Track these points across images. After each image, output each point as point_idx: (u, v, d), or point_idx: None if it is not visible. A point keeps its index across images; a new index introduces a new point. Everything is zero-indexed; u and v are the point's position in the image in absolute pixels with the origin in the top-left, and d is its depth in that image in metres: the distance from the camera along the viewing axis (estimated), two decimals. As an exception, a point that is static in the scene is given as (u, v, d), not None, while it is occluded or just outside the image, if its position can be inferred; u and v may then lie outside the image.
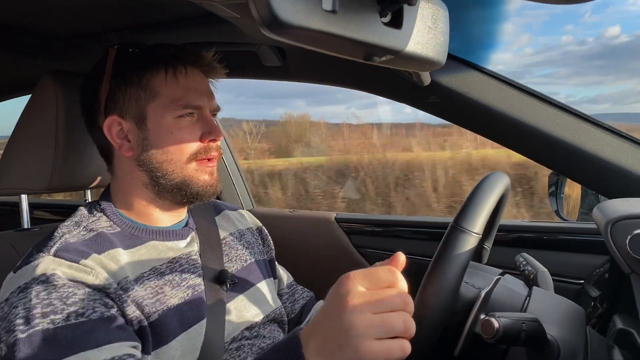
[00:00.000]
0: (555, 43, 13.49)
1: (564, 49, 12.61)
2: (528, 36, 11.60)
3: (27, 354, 0.65)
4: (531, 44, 11.97)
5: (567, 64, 10.12)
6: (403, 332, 0.54)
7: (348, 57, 0.45)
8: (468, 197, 0.70)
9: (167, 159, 0.85)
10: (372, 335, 0.53)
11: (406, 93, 1.04)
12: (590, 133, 0.92)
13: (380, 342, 0.53)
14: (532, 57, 11.91)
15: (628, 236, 0.70)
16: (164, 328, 0.78)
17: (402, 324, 0.54)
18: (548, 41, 13.53)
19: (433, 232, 1.41)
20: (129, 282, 0.77)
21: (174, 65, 0.85)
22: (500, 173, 0.75)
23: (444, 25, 0.49)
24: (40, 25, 1.09)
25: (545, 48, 13.75)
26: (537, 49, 13.27)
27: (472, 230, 0.66)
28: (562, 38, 16.11)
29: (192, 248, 0.90)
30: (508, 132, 0.96)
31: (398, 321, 0.54)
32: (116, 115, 0.85)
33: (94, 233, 0.81)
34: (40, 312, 0.67)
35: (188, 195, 0.87)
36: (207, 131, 0.87)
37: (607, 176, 0.91)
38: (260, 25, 0.36)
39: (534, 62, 11.39)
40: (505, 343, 0.65)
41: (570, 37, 14.94)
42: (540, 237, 1.25)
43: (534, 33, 12.11)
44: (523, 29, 10.78)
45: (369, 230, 1.52)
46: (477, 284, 0.72)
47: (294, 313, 1.08)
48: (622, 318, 0.77)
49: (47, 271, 0.71)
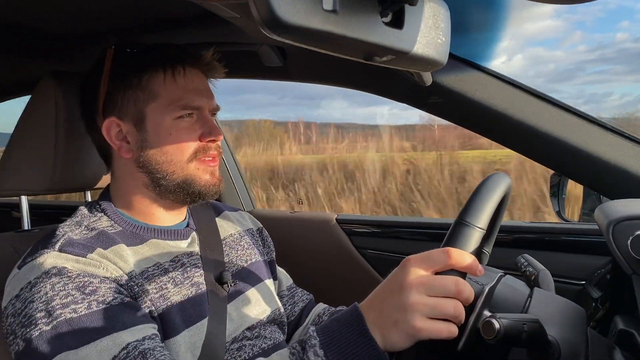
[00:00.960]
0: (609, 40, 13.14)
1: (619, 46, 12.31)
2: (581, 33, 11.32)
3: (55, 344, 0.65)
4: (585, 41, 11.62)
5: (622, 61, 9.91)
6: (453, 317, 0.60)
7: (349, 57, 0.44)
8: (472, 194, 0.70)
9: (167, 159, 0.85)
10: (425, 313, 0.59)
11: (407, 93, 1.04)
12: (593, 133, 0.92)
13: (432, 321, 0.59)
14: (585, 54, 11.62)
15: (630, 237, 0.70)
16: (168, 324, 0.78)
17: (452, 309, 0.60)
18: (602, 38, 13.16)
19: (434, 233, 1.41)
20: (136, 276, 0.78)
21: (172, 66, 0.85)
22: (502, 174, 0.74)
23: (446, 25, 0.49)
24: (40, 26, 1.09)
25: (600, 45, 13.45)
26: (590, 47, 12.93)
27: (477, 225, 0.66)
28: (617, 35, 15.74)
29: (193, 248, 0.90)
30: (510, 132, 0.96)
31: (449, 306, 0.60)
32: (115, 117, 0.85)
33: (96, 232, 0.81)
34: (60, 303, 0.67)
35: (190, 194, 0.87)
36: (207, 131, 0.86)
37: (609, 177, 0.91)
38: (260, 25, 0.36)
39: (587, 60, 11.07)
40: (506, 344, 0.65)
41: (626, 34, 14.49)
42: (541, 238, 1.25)
43: (588, 30, 11.80)
44: (576, 27, 10.53)
45: (370, 232, 1.52)
46: (480, 280, 0.72)
47: (294, 315, 1.08)
48: (624, 319, 0.77)
49: (57, 265, 0.71)
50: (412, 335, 0.60)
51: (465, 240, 0.65)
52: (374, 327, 0.62)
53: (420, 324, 0.59)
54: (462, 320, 0.61)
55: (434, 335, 0.59)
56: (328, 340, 0.63)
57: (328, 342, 0.63)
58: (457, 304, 0.60)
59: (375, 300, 0.65)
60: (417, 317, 0.59)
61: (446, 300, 0.60)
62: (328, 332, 0.64)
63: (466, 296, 0.61)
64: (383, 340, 0.61)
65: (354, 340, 0.62)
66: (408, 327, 0.59)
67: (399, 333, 0.60)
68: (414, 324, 0.59)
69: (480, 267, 0.63)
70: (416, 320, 0.59)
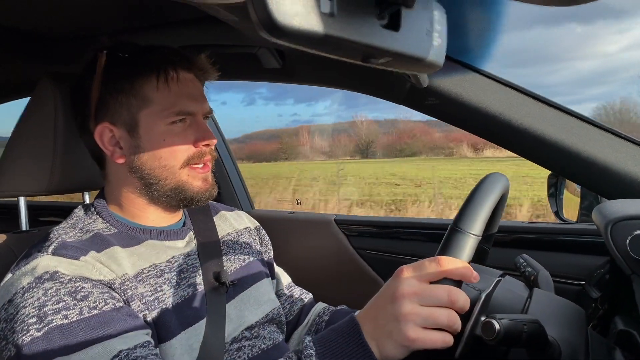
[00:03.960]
0: None
1: None
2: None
3: (46, 351, 0.65)
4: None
5: None
6: (447, 326, 0.60)
7: (347, 59, 0.45)
8: (467, 199, 0.70)
9: (160, 165, 0.84)
10: (419, 323, 0.59)
11: (404, 95, 1.04)
12: (590, 134, 0.92)
13: (426, 331, 0.59)
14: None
15: (628, 237, 0.70)
16: (164, 327, 0.78)
17: (446, 319, 0.59)
18: None
19: (432, 234, 1.41)
20: (129, 279, 0.77)
21: (165, 71, 0.84)
22: (498, 174, 0.74)
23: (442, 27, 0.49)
24: (39, 28, 1.09)
25: None
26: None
27: (472, 232, 0.66)
28: None
29: (190, 248, 0.90)
30: (506, 134, 0.96)
31: (443, 315, 0.59)
32: (107, 122, 0.84)
33: (91, 234, 0.81)
34: (52, 309, 0.67)
35: (182, 200, 0.87)
36: (201, 136, 0.86)
37: (606, 177, 0.91)
38: (258, 28, 0.36)
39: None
40: (506, 344, 0.65)
41: None
42: (540, 238, 1.25)
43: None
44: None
45: (368, 232, 1.52)
46: (477, 285, 0.71)
47: (292, 315, 1.08)
48: (623, 319, 0.77)
49: (49, 269, 0.71)
50: (406, 346, 0.59)
51: (459, 248, 0.65)
52: (370, 338, 0.61)
53: (414, 334, 0.58)
54: (457, 329, 0.60)
55: (428, 345, 0.59)
56: (324, 350, 0.62)
57: (324, 353, 0.62)
58: (450, 313, 0.60)
59: (371, 311, 0.64)
60: (410, 328, 0.59)
61: (439, 310, 0.59)
62: (324, 343, 0.63)
63: (460, 305, 0.60)
64: (379, 352, 0.61)
65: (351, 350, 0.61)
66: (401, 338, 0.59)
67: (393, 344, 0.60)
68: (407, 334, 0.58)
69: (475, 273, 0.62)
70: (409, 331, 0.58)
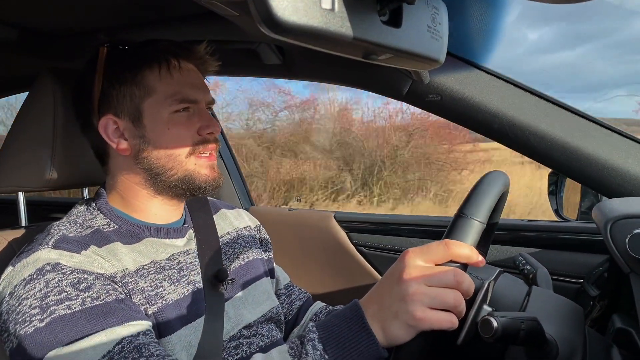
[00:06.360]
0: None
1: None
2: None
3: (49, 341, 0.65)
4: None
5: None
6: (454, 307, 0.60)
7: (347, 55, 0.44)
8: (472, 189, 0.70)
9: (166, 154, 0.84)
10: (426, 303, 0.59)
11: (405, 91, 1.04)
12: (590, 132, 0.92)
13: (433, 311, 0.59)
14: None
15: (627, 236, 0.70)
16: (163, 322, 0.78)
17: (452, 299, 0.60)
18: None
19: (432, 231, 1.41)
20: (130, 274, 0.78)
21: (167, 60, 0.85)
22: (500, 172, 0.74)
23: (443, 24, 0.49)
24: (38, 23, 1.09)
25: None
26: None
27: (476, 218, 0.66)
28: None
29: (190, 246, 0.90)
30: (507, 131, 0.96)
31: (449, 296, 0.60)
32: (111, 114, 0.84)
33: (91, 230, 0.81)
34: (54, 300, 0.67)
35: (190, 189, 0.87)
36: (205, 124, 0.87)
37: (606, 175, 0.91)
38: (259, 24, 0.36)
39: None
40: (504, 342, 0.65)
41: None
42: (539, 236, 1.25)
43: None
44: None
45: (368, 229, 1.52)
46: (480, 275, 0.72)
47: (291, 314, 1.08)
48: (621, 317, 0.77)
49: (50, 261, 0.71)
50: (413, 326, 0.59)
51: (465, 233, 0.65)
52: (374, 320, 0.62)
53: (421, 313, 0.59)
54: (462, 311, 0.61)
55: (435, 326, 0.59)
56: (327, 334, 0.63)
57: (327, 337, 0.63)
58: (457, 294, 0.60)
59: (375, 294, 0.65)
60: (417, 307, 0.59)
61: (446, 290, 0.60)
62: (327, 327, 0.64)
63: (466, 287, 0.61)
64: (384, 334, 0.61)
65: (353, 334, 0.62)
66: (409, 318, 0.59)
67: (399, 324, 0.60)
68: (414, 314, 0.59)
69: (481, 257, 0.63)
70: (417, 310, 0.59)
